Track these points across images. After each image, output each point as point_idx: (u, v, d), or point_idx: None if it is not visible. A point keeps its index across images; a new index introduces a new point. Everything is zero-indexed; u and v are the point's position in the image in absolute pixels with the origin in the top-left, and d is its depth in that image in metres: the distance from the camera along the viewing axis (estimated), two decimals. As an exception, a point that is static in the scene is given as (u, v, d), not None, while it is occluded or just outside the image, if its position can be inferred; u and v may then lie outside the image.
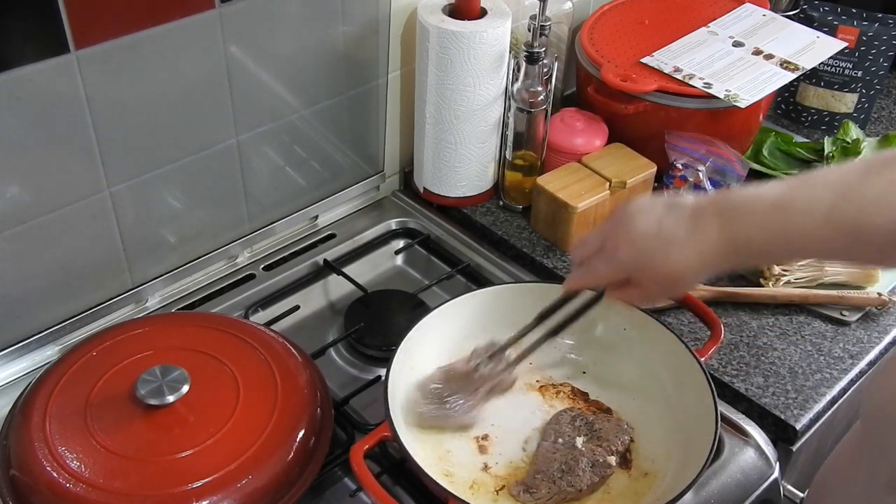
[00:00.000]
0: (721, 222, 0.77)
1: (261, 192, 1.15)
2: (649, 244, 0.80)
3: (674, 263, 0.79)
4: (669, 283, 0.82)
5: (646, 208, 0.82)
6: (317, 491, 0.91)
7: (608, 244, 0.84)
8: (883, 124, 1.49)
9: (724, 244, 0.77)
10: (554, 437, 0.92)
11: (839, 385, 1.03)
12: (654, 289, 0.84)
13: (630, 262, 0.82)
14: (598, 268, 0.86)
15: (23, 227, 0.94)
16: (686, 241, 0.79)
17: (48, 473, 0.81)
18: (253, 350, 0.94)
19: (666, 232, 0.79)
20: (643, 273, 0.82)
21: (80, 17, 0.87)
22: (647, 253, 0.80)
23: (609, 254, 0.84)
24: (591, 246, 0.87)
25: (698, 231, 0.78)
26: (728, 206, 0.78)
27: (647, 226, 0.81)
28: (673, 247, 0.79)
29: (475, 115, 1.18)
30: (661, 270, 0.80)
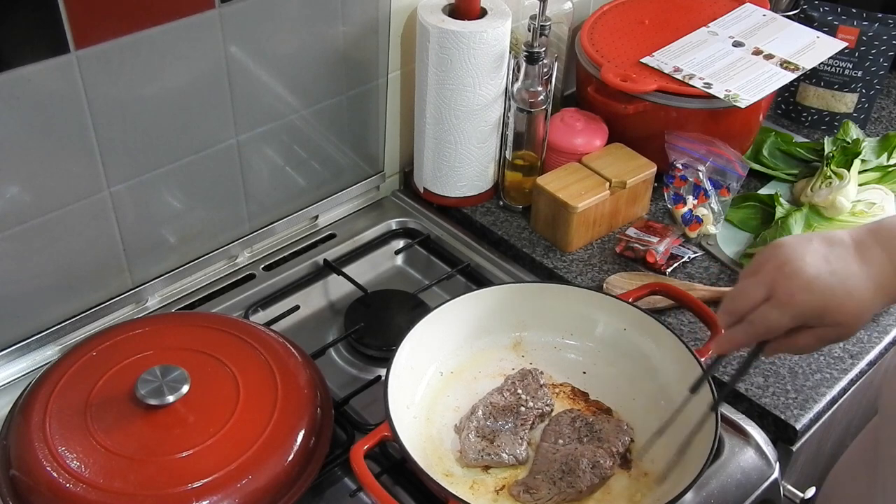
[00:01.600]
0: (886, 251, 0.75)
1: (261, 192, 1.15)
2: (828, 285, 0.74)
3: (858, 300, 0.75)
4: (853, 322, 0.76)
5: (806, 247, 0.76)
6: (317, 491, 0.91)
7: (780, 292, 0.76)
8: (883, 124, 1.49)
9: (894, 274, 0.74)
10: (554, 438, 0.92)
11: (839, 385, 1.03)
12: (832, 331, 0.77)
13: (811, 308, 0.75)
14: (769, 318, 0.77)
15: (23, 227, 0.94)
16: (860, 275, 0.75)
17: (48, 473, 0.81)
18: (253, 350, 0.94)
19: (840, 270, 0.75)
20: (823, 316, 0.76)
21: (80, 17, 0.87)
22: (828, 295, 0.74)
23: (783, 302, 0.76)
24: (753, 297, 0.78)
25: (868, 263, 0.75)
26: (888, 235, 0.75)
27: (817, 267, 0.75)
28: (850, 283, 0.74)
29: (475, 115, 1.18)
30: (846, 310, 0.75)
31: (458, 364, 1.01)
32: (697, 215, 1.21)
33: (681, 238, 1.21)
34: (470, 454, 0.91)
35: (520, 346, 1.04)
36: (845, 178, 1.23)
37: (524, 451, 0.91)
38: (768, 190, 1.30)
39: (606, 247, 1.21)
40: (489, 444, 0.91)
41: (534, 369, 0.99)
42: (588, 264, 1.18)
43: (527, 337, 1.05)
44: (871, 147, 1.32)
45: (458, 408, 0.97)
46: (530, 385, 0.97)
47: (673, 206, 1.24)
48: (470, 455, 0.91)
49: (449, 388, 0.99)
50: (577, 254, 1.20)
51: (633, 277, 1.15)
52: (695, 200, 1.22)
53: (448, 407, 0.97)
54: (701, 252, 1.20)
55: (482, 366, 1.02)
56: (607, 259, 1.19)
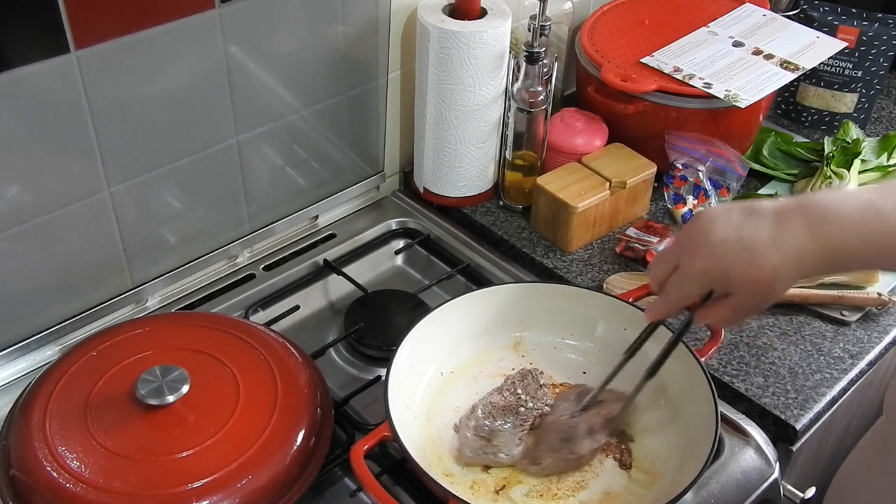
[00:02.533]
0: (809, 224, 0.72)
1: (261, 192, 1.15)
2: (729, 250, 0.74)
3: (758, 267, 0.74)
4: (757, 289, 0.75)
5: (720, 216, 0.76)
6: (317, 491, 0.91)
7: (684, 259, 0.78)
8: (883, 124, 1.49)
9: (813, 246, 0.72)
10: (559, 413, 0.94)
11: (839, 385, 1.03)
12: (745, 299, 0.77)
13: (710, 272, 0.76)
14: (678, 286, 0.79)
15: (23, 227, 0.94)
16: (770, 243, 0.73)
17: (48, 473, 0.81)
18: (253, 350, 0.94)
19: (746, 237, 0.74)
20: (726, 282, 0.76)
21: (80, 17, 0.87)
22: (727, 259, 0.75)
23: (685, 269, 0.78)
24: (665, 266, 0.80)
25: (784, 233, 0.73)
26: (816, 208, 0.73)
27: (724, 233, 0.75)
28: (756, 250, 0.74)
29: (475, 115, 1.18)
30: (745, 276, 0.74)
31: (458, 364, 1.01)
32: (697, 215, 1.21)
33: (679, 234, 1.21)
34: (467, 452, 0.91)
35: (520, 346, 1.04)
36: (845, 178, 1.23)
37: (522, 452, 0.92)
38: (768, 190, 1.30)
39: (606, 247, 1.21)
40: (487, 443, 0.92)
41: (534, 369, 0.99)
42: (588, 264, 1.19)
43: (527, 337, 1.05)
44: (871, 147, 1.32)
45: (458, 408, 0.97)
46: (530, 385, 0.97)
47: (673, 206, 1.24)
48: (467, 453, 0.91)
49: (449, 388, 0.99)
50: (577, 254, 1.20)
51: (633, 277, 1.15)
52: (695, 200, 1.22)
53: (448, 407, 0.97)
54: (701, 252, 1.20)
55: (482, 366, 1.02)
56: (607, 259, 1.19)
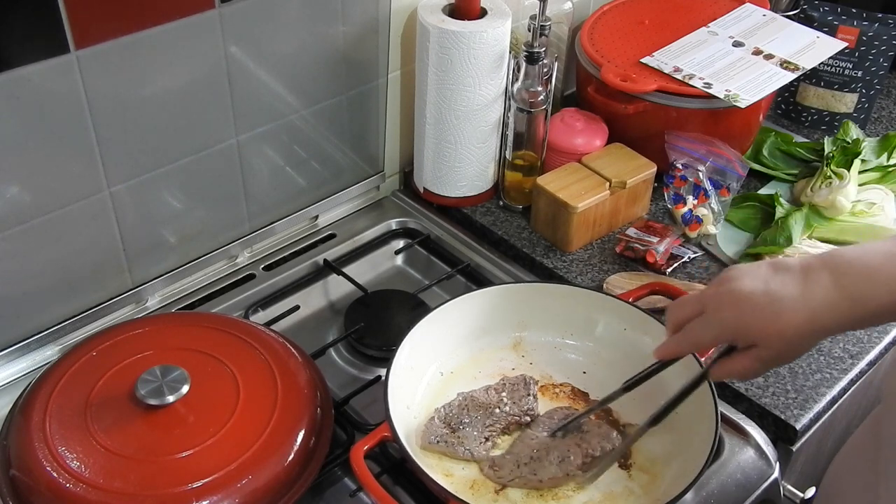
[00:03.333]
0: (834, 277, 0.73)
1: (261, 192, 1.15)
2: (757, 302, 0.75)
3: (785, 322, 0.74)
4: (782, 343, 0.75)
5: (748, 271, 0.77)
6: (317, 491, 0.91)
7: (710, 306, 0.78)
8: (883, 124, 1.49)
9: (838, 301, 0.73)
10: (541, 428, 0.93)
11: (839, 385, 1.03)
12: (766, 352, 0.76)
13: (735, 322, 0.76)
14: (697, 331, 0.79)
15: (23, 227, 0.94)
16: (797, 298, 0.74)
17: (48, 473, 0.81)
18: (253, 350, 0.94)
19: (774, 290, 0.74)
20: (750, 335, 0.76)
21: (80, 17, 0.87)
22: (754, 311, 0.75)
23: (710, 315, 0.78)
24: (689, 309, 0.80)
25: (809, 288, 0.73)
26: (841, 261, 0.74)
27: (752, 286, 0.76)
28: (783, 304, 0.74)
29: (475, 115, 1.18)
30: (770, 328, 0.74)
31: (458, 364, 1.01)
32: (697, 215, 1.21)
33: (681, 238, 1.21)
34: (428, 437, 0.91)
35: (520, 346, 1.04)
36: (845, 178, 1.23)
37: (484, 451, 0.91)
38: (768, 190, 1.30)
39: (606, 247, 1.21)
40: (451, 433, 0.91)
41: (531, 378, 0.98)
42: (588, 264, 1.19)
43: (527, 337, 1.05)
44: (871, 147, 1.32)
45: (458, 408, 0.97)
46: (518, 391, 0.96)
47: (673, 206, 1.24)
48: (428, 437, 0.91)
49: (449, 388, 0.99)
50: (577, 254, 1.20)
51: (633, 277, 1.15)
52: (695, 200, 1.22)
53: (448, 407, 0.97)
54: (701, 252, 1.20)
55: (482, 366, 1.02)
56: (607, 259, 1.19)
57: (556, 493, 0.89)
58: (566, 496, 0.89)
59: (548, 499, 0.88)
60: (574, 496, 0.89)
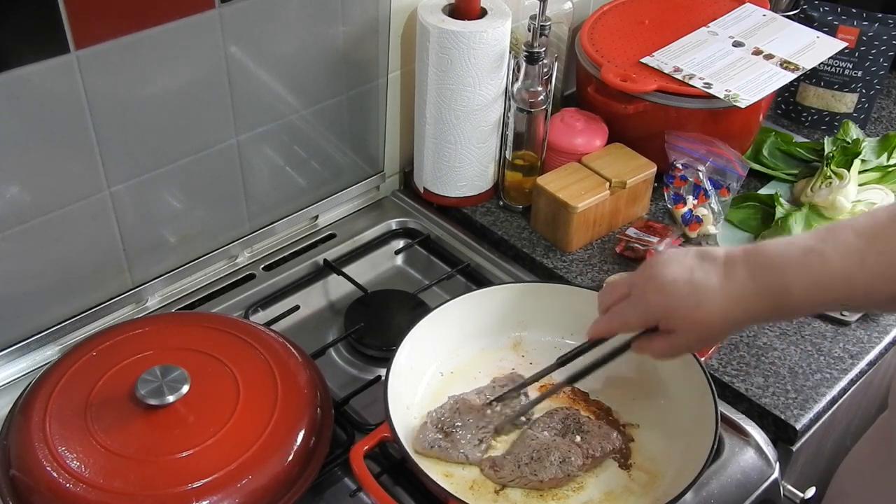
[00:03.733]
0: (753, 271, 0.77)
1: (261, 192, 1.15)
2: (679, 290, 0.79)
3: (704, 310, 0.78)
4: (700, 331, 0.80)
5: (676, 258, 0.81)
6: (317, 491, 0.91)
7: (636, 290, 0.83)
8: (883, 124, 1.49)
9: (758, 292, 0.76)
10: (541, 428, 0.93)
11: (839, 385, 1.03)
12: (684, 338, 0.81)
13: (658, 307, 0.80)
14: (624, 313, 0.84)
15: (23, 227, 0.94)
16: (717, 288, 0.77)
17: (48, 473, 0.81)
18: (253, 350, 0.94)
19: (697, 280, 0.78)
20: (672, 320, 0.80)
21: (80, 17, 0.87)
22: (677, 299, 0.79)
23: (636, 299, 0.82)
24: (617, 292, 0.85)
25: (730, 279, 0.77)
26: (760, 255, 0.77)
27: (677, 273, 0.79)
28: (704, 294, 0.78)
29: (475, 115, 1.18)
30: (690, 317, 0.79)
31: (458, 364, 1.01)
32: (697, 215, 1.21)
33: (681, 238, 1.21)
34: (423, 443, 0.91)
35: (520, 346, 1.04)
36: (845, 178, 1.23)
37: (479, 454, 0.91)
38: (768, 190, 1.30)
39: (606, 247, 1.21)
40: (444, 437, 0.91)
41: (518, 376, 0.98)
42: (588, 264, 1.19)
43: (527, 337, 1.05)
44: (871, 147, 1.32)
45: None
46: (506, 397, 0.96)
47: (673, 206, 1.24)
48: (422, 443, 0.91)
49: (449, 388, 0.99)
50: (577, 254, 1.20)
51: (633, 277, 1.14)
52: (695, 200, 1.22)
53: (448, 407, 0.97)
54: (701, 252, 1.20)
55: (482, 366, 1.02)
56: (607, 259, 1.19)
57: (556, 493, 0.89)
58: (566, 496, 0.89)
59: (548, 499, 0.88)
60: (574, 496, 0.89)
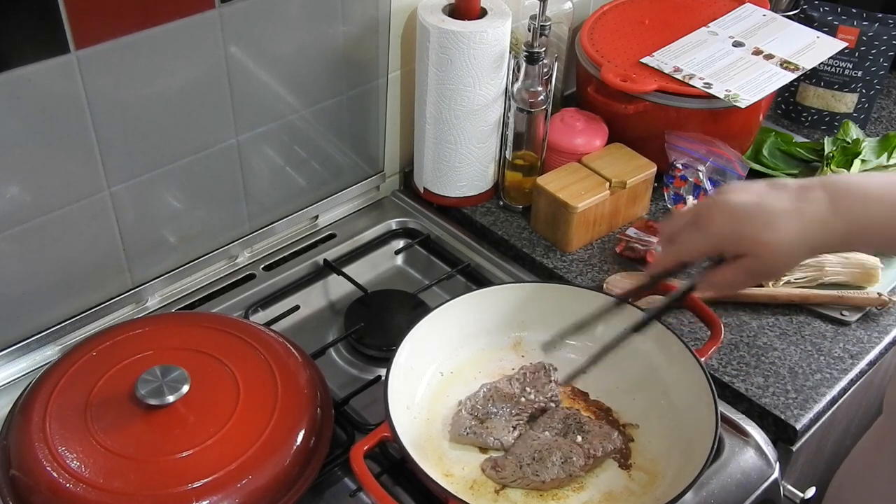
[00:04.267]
0: (832, 198, 0.73)
1: (261, 192, 1.15)
2: (749, 212, 0.75)
3: (776, 233, 0.74)
4: (771, 257, 0.75)
5: (745, 186, 0.77)
6: (317, 491, 0.91)
7: (701, 217, 0.79)
8: (883, 124, 1.49)
9: (831, 219, 0.73)
10: (542, 428, 0.93)
11: (839, 385, 1.03)
12: (755, 263, 0.76)
13: (727, 231, 0.76)
14: (689, 240, 0.79)
15: (23, 227, 0.94)
16: (792, 211, 0.74)
17: (48, 473, 0.81)
18: (253, 350, 0.94)
19: (768, 203, 0.75)
20: (742, 246, 0.76)
21: (80, 17, 0.87)
22: (745, 219, 0.75)
23: (702, 225, 0.78)
24: (682, 219, 0.81)
25: (806, 204, 0.74)
26: (839, 182, 0.74)
27: (746, 198, 0.76)
28: (776, 216, 0.74)
29: (475, 115, 1.18)
30: (761, 240, 0.74)
31: (458, 364, 1.01)
32: (697, 215, 1.21)
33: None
34: (458, 429, 0.92)
35: (520, 346, 1.04)
36: (845, 178, 1.23)
37: (512, 440, 0.92)
38: (768, 190, 1.30)
39: (606, 247, 1.21)
40: (479, 423, 0.92)
41: (549, 364, 0.99)
42: (588, 264, 1.19)
43: (527, 337, 1.05)
44: (871, 147, 1.32)
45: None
46: (539, 379, 0.97)
47: (673, 206, 1.24)
48: (458, 430, 0.92)
49: (449, 388, 0.99)
50: (577, 254, 1.20)
51: (633, 277, 1.14)
52: (695, 200, 1.22)
53: (448, 407, 0.97)
54: (701, 252, 1.20)
55: (482, 366, 1.02)
56: (607, 259, 1.19)
57: (557, 493, 0.89)
58: (566, 496, 0.89)
59: (548, 499, 0.88)
60: (574, 496, 0.89)
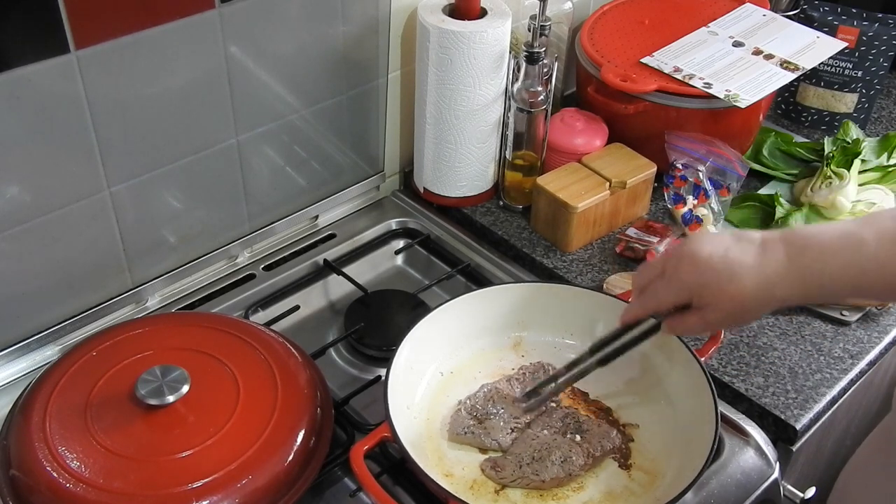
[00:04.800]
0: (789, 251, 0.77)
1: (261, 192, 1.15)
2: (714, 265, 0.79)
3: (739, 286, 0.78)
4: (734, 308, 0.79)
5: (711, 238, 0.81)
6: (317, 491, 0.91)
7: (669, 268, 0.82)
8: (883, 124, 1.49)
9: (793, 273, 0.77)
10: (540, 427, 0.93)
11: (839, 385, 1.03)
12: (717, 315, 0.81)
13: (693, 283, 0.80)
14: (658, 292, 0.83)
15: (23, 227, 0.94)
16: (752, 266, 0.78)
17: (48, 473, 0.81)
18: (253, 350, 0.94)
19: (732, 257, 0.79)
20: (706, 296, 0.80)
21: (80, 17, 0.87)
22: (711, 273, 0.79)
23: (670, 276, 0.82)
24: (651, 271, 0.85)
25: (765, 259, 0.78)
26: (797, 236, 0.78)
27: (712, 250, 0.80)
28: (738, 269, 0.78)
29: (475, 115, 1.18)
30: (724, 291, 0.78)
31: (458, 364, 1.01)
32: (697, 215, 1.21)
33: (681, 238, 1.21)
34: (456, 429, 0.92)
35: (520, 346, 1.04)
36: (845, 178, 1.23)
37: (510, 441, 0.92)
38: (768, 190, 1.30)
39: (606, 247, 1.21)
40: (477, 423, 0.92)
41: (548, 364, 0.99)
42: (588, 264, 1.19)
43: (527, 337, 1.05)
44: (871, 147, 1.32)
45: (458, 408, 0.97)
46: (539, 379, 0.97)
47: (673, 206, 1.24)
48: (456, 429, 0.92)
49: (449, 388, 0.99)
50: (577, 254, 1.20)
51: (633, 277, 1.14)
52: (695, 200, 1.22)
53: (448, 407, 0.97)
54: (701, 252, 1.20)
55: (482, 366, 1.02)
56: (607, 259, 1.19)
57: (556, 493, 0.89)
58: (566, 496, 0.89)
59: (548, 499, 0.88)
60: (574, 496, 0.89)
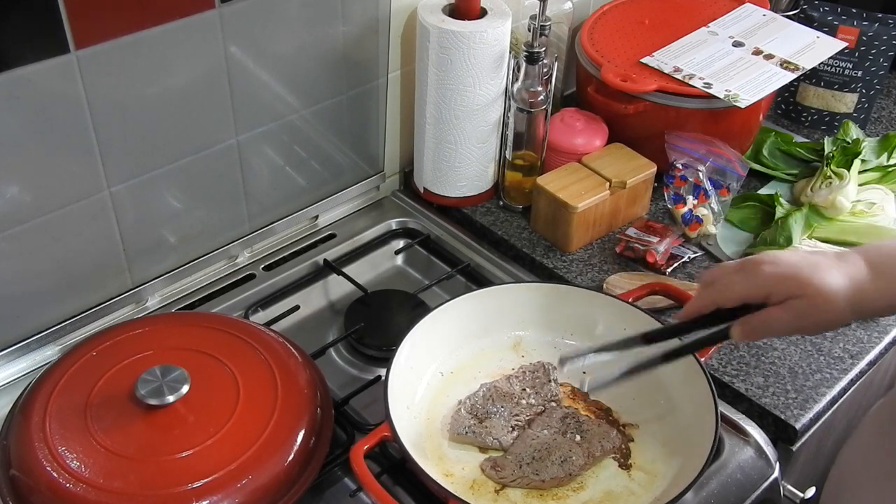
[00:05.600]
0: (869, 261, 0.77)
1: (261, 192, 1.15)
2: (796, 262, 0.77)
3: (826, 277, 0.75)
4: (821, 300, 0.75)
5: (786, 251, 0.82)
6: (317, 491, 0.91)
7: (748, 264, 0.79)
8: (883, 124, 1.49)
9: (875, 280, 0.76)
10: (540, 427, 0.93)
11: (839, 385, 1.03)
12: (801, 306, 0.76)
13: (775, 276, 0.77)
14: (731, 283, 0.79)
15: (23, 227, 0.94)
16: (837, 266, 0.77)
17: (48, 473, 0.81)
18: (253, 350, 0.94)
19: (814, 259, 0.77)
20: (790, 287, 0.76)
21: (80, 17, 0.87)
22: (797, 269, 0.76)
23: (749, 270, 0.79)
24: (726, 267, 0.81)
25: (846, 262, 0.77)
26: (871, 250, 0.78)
27: (791, 254, 0.79)
28: (822, 266, 0.76)
29: (475, 115, 1.18)
30: (813, 281, 0.75)
31: (458, 364, 1.01)
32: (697, 215, 1.21)
33: (681, 238, 1.21)
34: (457, 428, 0.92)
35: (520, 346, 1.04)
36: (845, 178, 1.23)
37: (510, 440, 0.92)
38: (768, 190, 1.30)
39: (606, 247, 1.21)
40: (478, 423, 0.93)
41: (548, 364, 0.99)
42: (588, 264, 1.19)
43: (527, 337, 1.05)
44: (871, 147, 1.32)
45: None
46: (539, 379, 0.97)
47: (673, 206, 1.24)
48: (456, 429, 0.92)
49: (449, 388, 0.99)
50: (577, 254, 1.20)
51: (633, 277, 1.15)
52: (695, 200, 1.22)
53: (448, 407, 0.97)
54: (701, 252, 1.20)
55: (482, 366, 1.02)
56: (607, 259, 1.19)
57: (556, 492, 0.89)
58: (566, 496, 0.89)
59: (548, 498, 0.88)
60: (574, 496, 0.89)
